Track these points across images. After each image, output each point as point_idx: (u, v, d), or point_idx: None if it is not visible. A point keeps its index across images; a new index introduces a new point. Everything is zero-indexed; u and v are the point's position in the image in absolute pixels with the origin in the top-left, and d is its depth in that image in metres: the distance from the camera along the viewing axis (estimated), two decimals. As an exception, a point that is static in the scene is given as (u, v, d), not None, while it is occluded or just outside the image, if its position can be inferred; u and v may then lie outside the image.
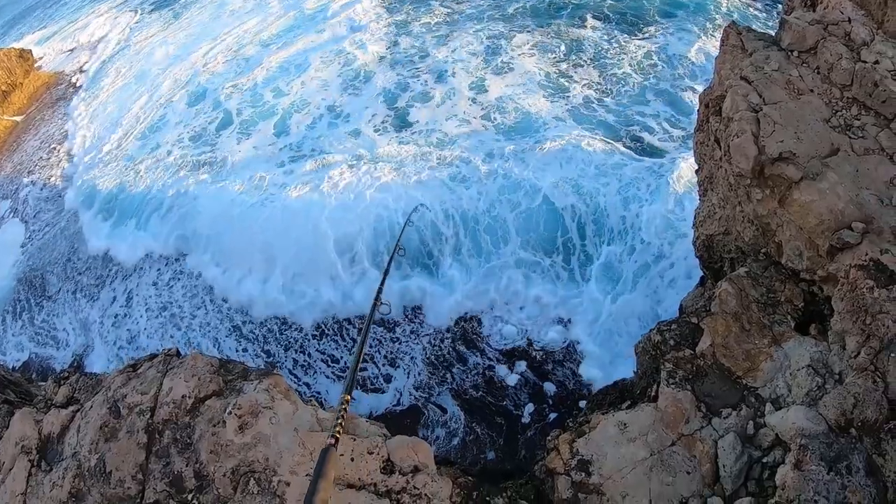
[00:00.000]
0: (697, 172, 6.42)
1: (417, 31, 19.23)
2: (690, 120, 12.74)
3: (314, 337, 11.19)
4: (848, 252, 3.67)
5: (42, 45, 30.97)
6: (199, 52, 22.49)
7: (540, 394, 9.42)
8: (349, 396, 3.34)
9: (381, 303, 4.39)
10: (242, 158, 15.64)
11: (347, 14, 21.28)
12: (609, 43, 16.44)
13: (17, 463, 4.28)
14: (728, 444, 3.38)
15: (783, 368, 3.66)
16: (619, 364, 9.01)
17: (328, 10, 22.11)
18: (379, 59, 18.16)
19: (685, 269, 10.05)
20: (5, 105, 25.08)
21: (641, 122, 13.53)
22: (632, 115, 13.78)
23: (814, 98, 4.51)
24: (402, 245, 5.97)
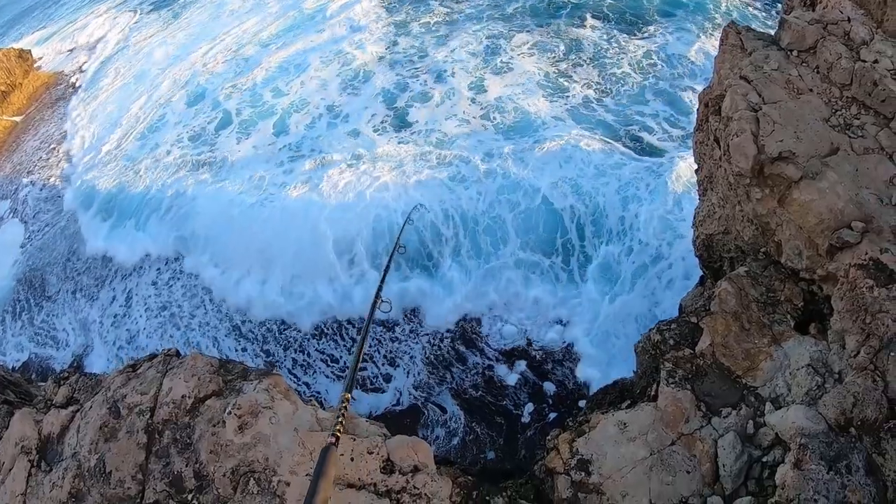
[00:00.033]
0: (697, 172, 6.42)
1: (417, 31, 19.21)
2: (690, 119, 12.74)
3: (313, 336, 11.18)
4: (847, 251, 3.67)
5: (41, 45, 30.92)
6: (199, 53, 22.45)
7: (539, 393, 9.41)
8: (350, 395, 3.30)
9: (381, 301, 4.29)
10: (242, 158, 15.62)
11: (347, 14, 21.26)
12: (608, 42, 16.42)
13: (17, 463, 4.28)
14: (728, 444, 3.38)
15: (783, 368, 3.66)
16: (615, 365, 8.98)
17: (327, 10, 22.09)
18: (378, 59, 18.13)
19: (683, 269, 10.03)
20: (5, 105, 25.03)
21: (641, 121, 13.52)
22: (631, 115, 13.76)
23: (813, 97, 4.52)
24: (402, 243, 5.92)
